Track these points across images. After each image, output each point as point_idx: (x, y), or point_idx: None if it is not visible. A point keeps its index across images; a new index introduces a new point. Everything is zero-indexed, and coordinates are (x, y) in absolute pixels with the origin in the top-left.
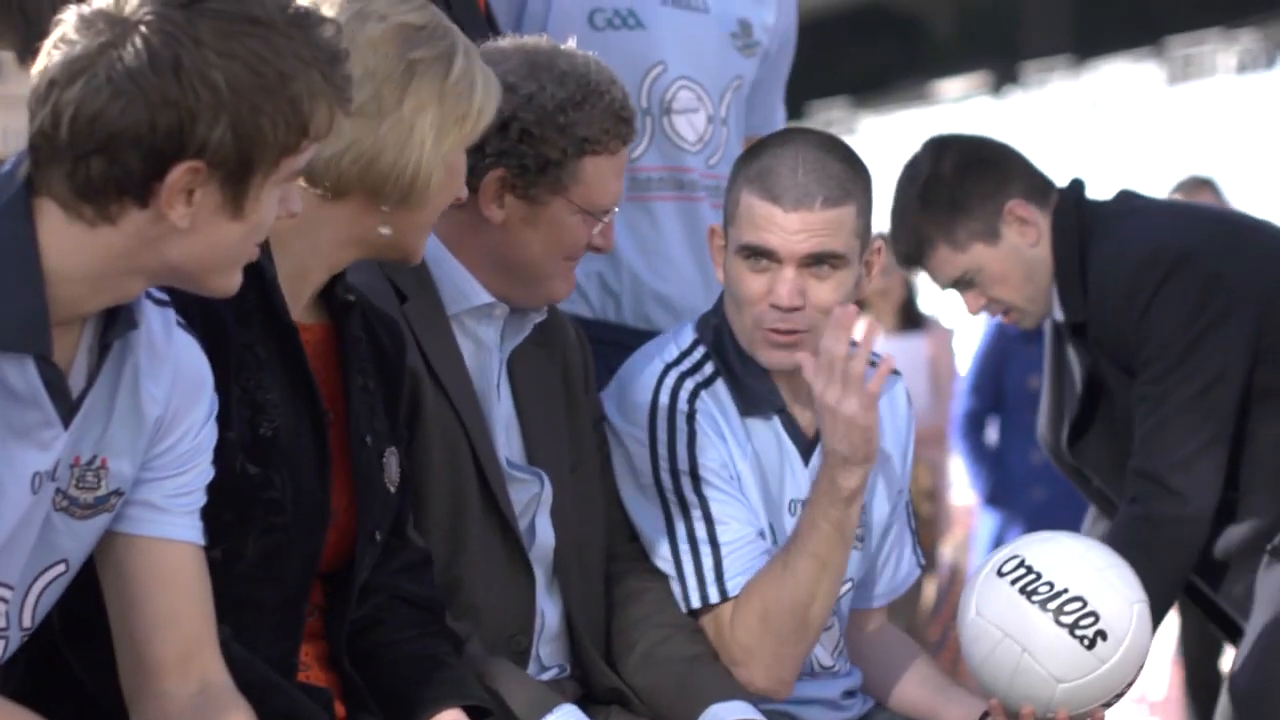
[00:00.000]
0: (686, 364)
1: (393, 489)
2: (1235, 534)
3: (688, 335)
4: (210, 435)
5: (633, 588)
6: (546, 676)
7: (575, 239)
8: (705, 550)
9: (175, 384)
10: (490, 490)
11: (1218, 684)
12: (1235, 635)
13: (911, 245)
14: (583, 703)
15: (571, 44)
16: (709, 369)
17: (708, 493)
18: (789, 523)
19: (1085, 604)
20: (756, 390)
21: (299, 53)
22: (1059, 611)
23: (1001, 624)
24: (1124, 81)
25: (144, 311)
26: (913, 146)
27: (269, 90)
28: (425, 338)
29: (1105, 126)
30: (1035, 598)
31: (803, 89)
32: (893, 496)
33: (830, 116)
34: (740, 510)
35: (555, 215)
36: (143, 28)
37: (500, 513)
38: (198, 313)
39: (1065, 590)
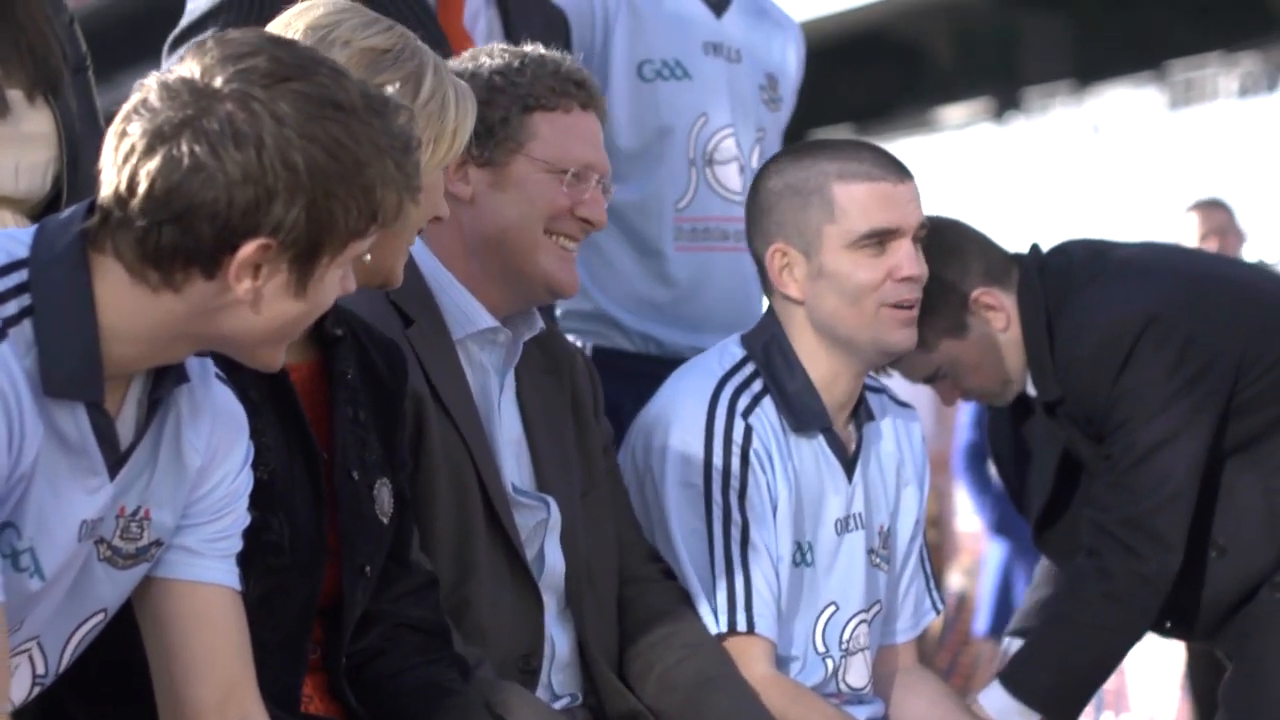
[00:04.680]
0: (738, 378)
1: (385, 520)
2: (1227, 585)
3: (735, 351)
4: (246, 481)
5: (651, 610)
6: (559, 705)
7: (546, 197)
8: (738, 575)
9: (213, 432)
10: (495, 514)
11: None
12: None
13: None
14: None
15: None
16: (758, 386)
17: (749, 514)
18: (827, 540)
19: None
20: (808, 408)
21: (376, 140)
22: None
23: None
24: (1126, 106)
25: (189, 364)
26: (916, 174)
27: (345, 176)
28: (430, 362)
29: (1107, 151)
30: None
31: (804, 117)
32: (912, 526)
33: None
34: (770, 538)
35: (519, 174)
36: (227, 104)
37: (506, 537)
38: None
39: None
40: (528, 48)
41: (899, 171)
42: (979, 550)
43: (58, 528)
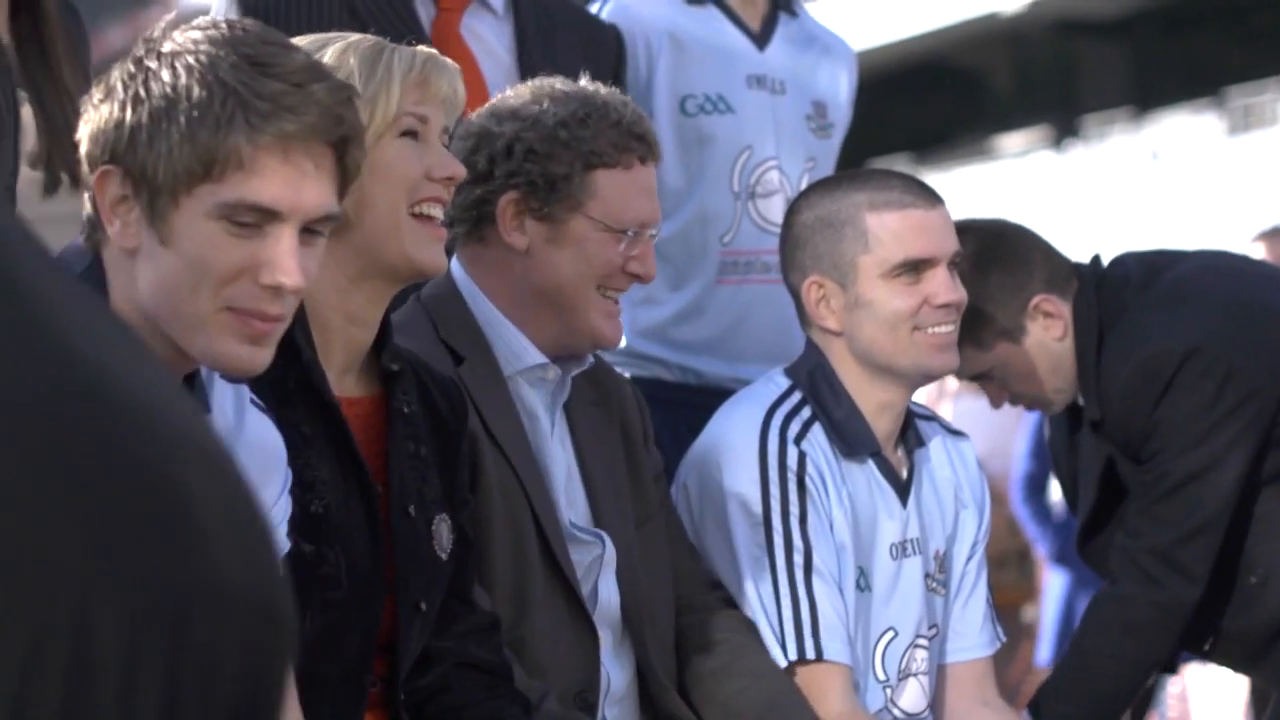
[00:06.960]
0: (786, 406)
1: (445, 556)
2: (1267, 612)
3: (781, 381)
4: (284, 509)
5: (711, 638)
6: None
7: (603, 258)
8: (804, 602)
9: (246, 460)
10: (551, 551)
11: None
12: None
13: None
14: None
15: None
16: (806, 413)
17: (811, 540)
18: (884, 565)
19: None
20: (856, 433)
21: (221, 79)
22: None
23: None
24: (1184, 133)
25: (215, 394)
26: (975, 203)
27: (168, 107)
28: (482, 400)
29: (1166, 178)
30: None
31: (862, 146)
32: (969, 549)
33: None
34: (832, 563)
35: (578, 232)
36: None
37: (562, 573)
38: None
39: None
40: (588, 87)
41: (930, 198)
42: (1040, 581)
43: None
